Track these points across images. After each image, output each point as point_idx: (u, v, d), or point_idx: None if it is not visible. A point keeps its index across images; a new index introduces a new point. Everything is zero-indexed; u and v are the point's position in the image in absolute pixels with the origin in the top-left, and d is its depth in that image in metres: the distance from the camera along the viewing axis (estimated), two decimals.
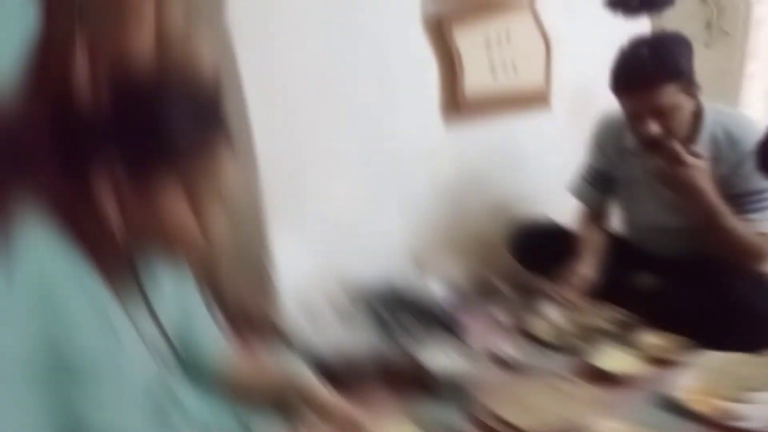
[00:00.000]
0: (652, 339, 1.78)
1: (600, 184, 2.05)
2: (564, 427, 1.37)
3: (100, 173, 0.64)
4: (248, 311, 2.01)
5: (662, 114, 1.61)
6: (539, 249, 2.13)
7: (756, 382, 1.47)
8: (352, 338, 1.77)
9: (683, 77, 1.60)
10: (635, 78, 1.61)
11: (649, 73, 1.57)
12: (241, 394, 1.12)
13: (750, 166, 1.66)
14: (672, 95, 1.59)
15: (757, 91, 3.68)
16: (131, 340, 0.76)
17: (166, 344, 0.86)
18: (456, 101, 2.16)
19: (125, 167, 0.65)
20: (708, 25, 3.45)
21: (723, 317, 1.66)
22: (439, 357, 1.68)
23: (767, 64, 3.74)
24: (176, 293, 0.95)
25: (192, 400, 0.98)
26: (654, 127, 1.62)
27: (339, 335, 1.80)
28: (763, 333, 1.62)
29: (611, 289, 1.89)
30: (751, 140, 1.66)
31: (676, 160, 1.55)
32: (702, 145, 1.70)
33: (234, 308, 1.98)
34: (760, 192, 1.70)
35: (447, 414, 1.50)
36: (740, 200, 1.70)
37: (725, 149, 1.70)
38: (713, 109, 1.74)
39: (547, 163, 2.53)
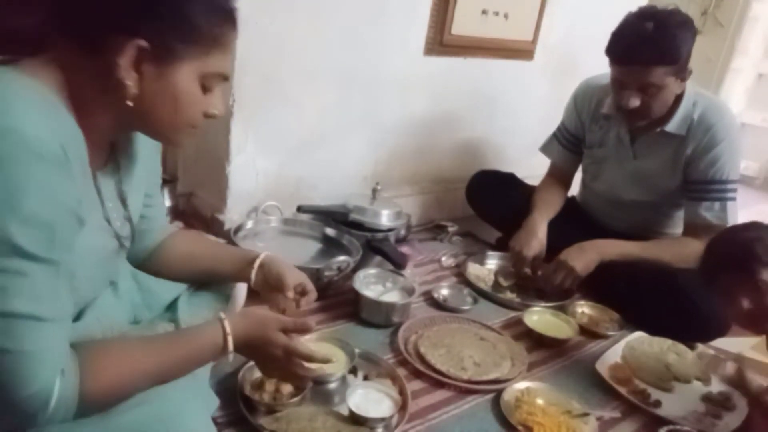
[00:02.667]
0: (587, 309, 1.78)
1: (570, 145, 2.00)
2: (479, 376, 1.35)
3: (125, 44, 0.72)
4: (195, 203, 1.90)
5: (647, 91, 1.59)
6: (495, 199, 2.07)
7: (680, 373, 1.48)
8: (292, 249, 1.69)
9: (679, 63, 1.58)
10: (632, 51, 1.57)
11: (647, 51, 1.55)
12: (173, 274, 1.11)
13: (716, 155, 1.67)
14: (662, 77, 1.57)
15: (739, 87, 3.69)
16: (97, 216, 0.84)
17: (128, 224, 0.92)
18: (442, 37, 2.05)
19: (153, 43, 0.74)
20: (704, 13, 3.41)
21: (661, 302, 1.67)
22: (374, 283, 1.63)
23: (754, 61, 3.74)
24: (145, 177, 0.97)
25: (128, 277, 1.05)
26: (635, 102, 1.60)
27: (280, 243, 1.71)
28: (699, 325, 1.63)
29: (557, 253, 1.85)
30: (722, 130, 1.67)
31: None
32: (676, 123, 1.70)
33: (184, 198, 1.90)
34: (723, 182, 1.70)
35: (370, 340, 1.46)
36: (702, 187, 1.72)
37: (696, 130, 1.70)
38: (695, 90, 1.73)
39: (521, 116, 2.46)
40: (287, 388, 1.18)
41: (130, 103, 0.76)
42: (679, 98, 1.69)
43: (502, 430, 1.22)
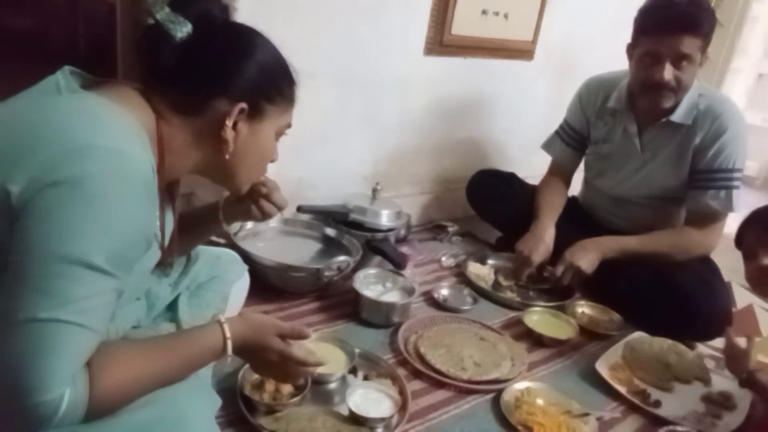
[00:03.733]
0: (587, 309, 1.78)
1: (573, 142, 2.00)
2: (479, 376, 1.34)
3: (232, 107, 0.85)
4: (195, 203, 1.89)
5: (680, 64, 1.61)
6: (496, 199, 2.07)
7: (680, 373, 1.48)
8: (292, 249, 1.69)
9: (707, 37, 1.61)
10: (668, 20, 1.60)
11: (682, 20, 1.59)
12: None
13: (723, 144, 1.69)
14: (694, 49, 1.60)
15: (739, 87, 3.69)
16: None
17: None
18: (442, 37, 2.05)
19: (249, 105, 0.87)
20: None
21: (661, 302, 1.67)
22: (374, 283, 1.63)
23: (754, 61, 3.74)
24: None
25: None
26: (668, 74, 1.62)
27: (279, 243, 1.71)
28: (698, 326, 1.64)
29: (558, 254, 1.85)
30: (729, 119, 1.70)
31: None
32: (682, 113, 1.72)
33: (184, 198, 1.86)
34: (729, 171, 1.71)
35: (370, 340, 1.46)
36: (708, 175, 1.73)
37: (703, 120, 1.72)
38: (699, 84, 1.75)
39: (521, 116, 2.46)
40: (287, 388, 1.18)
41: (227, 157, 0.87)
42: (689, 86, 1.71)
43: (502, 430, 1.21)
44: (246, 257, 1.43)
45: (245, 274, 1.35)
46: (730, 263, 1.78)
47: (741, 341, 1.27)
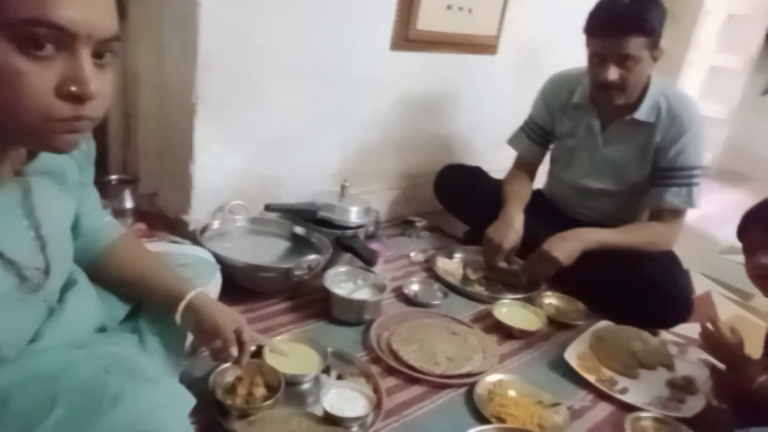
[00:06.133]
0: (554, 300, 1.81)
1: (538, 138, 2.03)
2: (451, 370, 1.35)
3: None
4: (159, 204, 1.85)
5: (625, 63, 1.65)
6: (463, 193, 2.09)
7: (645, 360, 1.52)
8: (260, 248, 1.67)
9: (654, 35, 1.64)
10: (611, 22, 1.63)
11: (625, 21, 1.61)
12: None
13: (684, 143, 1.74)
14: (639, 48, 1.63)
15: (693, 79, 3.81)
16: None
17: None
18: (408, 32, 2.04)
19: None
20: None
21: (625, 291, 1.71)
22: (345, 281, 1.62)
23: (707, 54, 3.86)
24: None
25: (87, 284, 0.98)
26: (614, 74, 1.65)
27: (247, 243, 1.69)
28: (661, 313, 1.69)
29: (525, 246, 1.87)
30: (690, 118, 1.75)
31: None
32: (645, 110, 1.76)
33: (146, 199, 1.84)
34: (690, 168, 1.76)
35: (343, 339, 1.45)
36: (670, 173, 1.78)
37: (665, 119, 1.76)
38: (661, 81, 1.79)
39: (486, 111, 2.47)
40: (260, 391, 1.17)
41: None
42: (646, 87, 1.75)
43: (476, 423, 1.22)
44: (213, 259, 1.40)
45: (217, 275, 1.33)
46: (687, 251, 1.85)
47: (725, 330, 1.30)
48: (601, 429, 1.28)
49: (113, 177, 1.79)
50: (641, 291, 1.68)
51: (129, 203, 1.73)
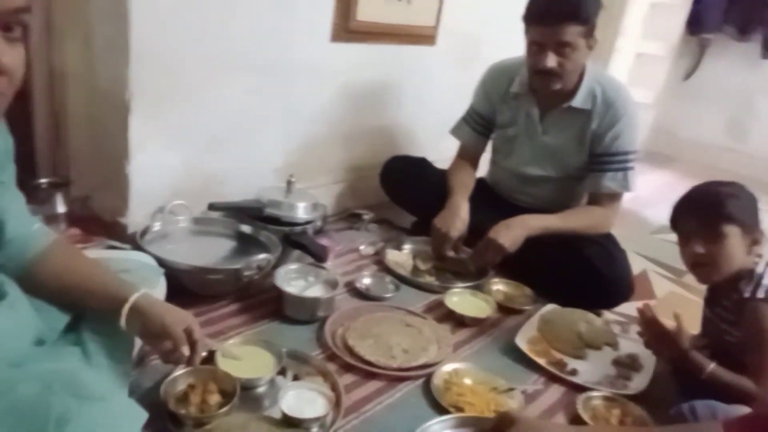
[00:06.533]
0: (501, 286, 1.85)
1: (480, 127, 2.06)
2: (408, 363, 1.36)
3: None
4: (93, 207, 1.75)
5: (563, 51, 1.69)
6: (409, 184, 2.09)
7: (591, 340, 1.58)
8: (205, 249, 1.61)
9: (590, 24, 1.69)
10: (549, 10, 1.67)
11: (561, 9, 1.66)
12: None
13: (619, 130, 1.81)
14: (575, 36, 1.68)
15: (621, 66, 3.96)
16: None
17: None
18: (348, 23, 2.02)
19: None
20: None
21: (569, 274, 1.77)
22: (296, 279, 1.59)
23: (633, 41, 4.02)
24: None
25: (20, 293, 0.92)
26: (552, 61, 1.69)
27: (191, 244, 1.63)
28: (605, 294, 1.75)
29: (470, 233, 1.90)
30: (623, 105, 1.82)
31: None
32: (581, 98, 1.82)
33: (79, 202, 1.74)
34: (625, 153, 1.83)
35: (297, 338, 1.43)
36: (606, 159, 1.84)
37: (600, 106, 1.82)
38: (594, 69, 1.86)
39: (427, 101, 2.48)
40: (214, 397, 1.13)
41: None
42: (581, 75, 1.81)
43: (435, 413, 1.23)
44: (156, 262, 1.35)
45: (161, 280, 1.28)
46: (621, 233, 1.93)
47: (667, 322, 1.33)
48: (554, 411, 1.32)
49: (42, 180, 1.67)
50: (583, 273, 1.74)
51: (61, 207, 1.63)
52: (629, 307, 1.83)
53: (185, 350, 1.01)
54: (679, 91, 4.31)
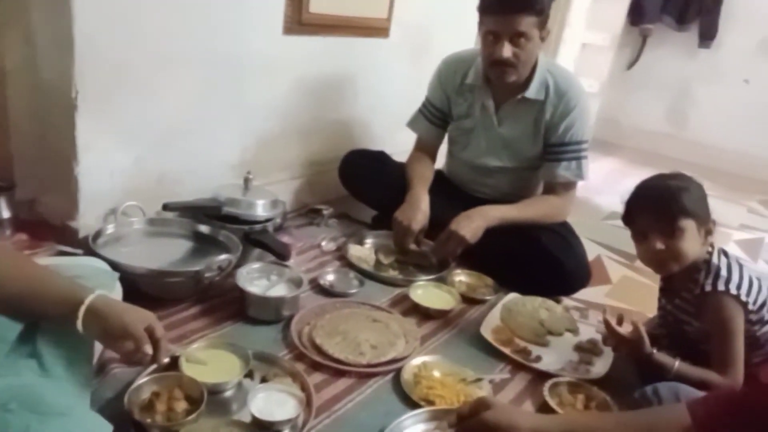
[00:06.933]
0: (463, 277, 1.86)
1: (436, 119, 2.07)
2: (377, 358, 1.36)
3: None
4: (40, 211, 1.66)
5: (518, 41, 1.71)
6: (369, 178, 2.08)
7: (553, 327, 1.61)
8: (162, 251, 1.56)
9: (543, 15, 1.72)
10: (507, 1, 1.69)
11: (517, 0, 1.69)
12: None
13: (572, 120, 1.85)
14: (530, 27, 1.70)
15: (567, 56, 4.06)
16: None
17: None
18: (300, 16, 1.98)
19: None
20: None
21: (528, 263, 1.80)
22: (258, 278, 1.56)
23: (578, 32, 4.13)
24: None
25: None
26: (507, 51, 1.71)
27: (147, 247, 1.57)
28: (562, 281, 1.80)
29: (431, 226, 1.91)
30: (575, 96, 1.86)
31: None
32: (535, 89, 1.84)
33: (25, 206, 1.66)
34: (578, 143, 1.88)
35: (262, 339, 1.40)
36: (560, 148, 1.88)
37: (553, 97, 1.86)
38: (546, 60, 1.89)
39: (382, 94, 2.47)
40: (181, 404, 1.10)
41: None
42: (534, 66, 1.83)
43: (407, 408, 1.23)
44: (110, 267, 1.29)
45: (116, 285, 1.23)
46: (574, 220, 1.98)
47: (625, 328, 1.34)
48: (522, 399, 1.34)
49: None
50: (542, 262, 1.78)
51: (5, 212, 1.55)
52: (587, 293, 1.89)
53: (148, 349, 0.99)
54: (622, 80, 4.46)
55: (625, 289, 2.07)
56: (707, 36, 4.14)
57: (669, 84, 4.40)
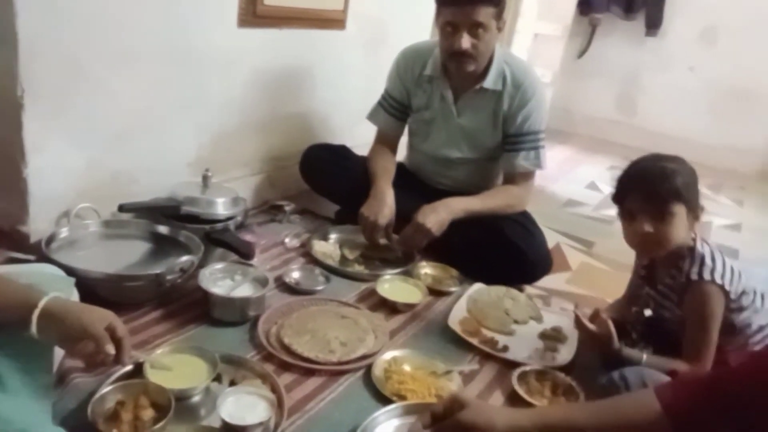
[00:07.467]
0: (429, 270, 1.87)
1: (396, 111, 2.06)
2: (347, 356, 1.35)
3: None
4: None
5: (476, 32, 1.72)
6: (331, 172, 2.06)
7: (517, 316, 1.64)
8: (120, 254, 1.51)
9: (500, 5, 1.74)
10: None
11: None
12: None
13: (529, 110, 1.88)
14: (488, 17, 1.71)
15: (521, 46, 4.12)
16: None
17: None
18: (255, 8, 1.94)
19: None
20: None
21: (492, 253, 1.82)
22: (222, 279, 1.53)
23: (530, 22, 4.20)
24: None
25: None
26: (466, 42, 1.72)
27: (104, 250, 1.52)
28: (526, 269, 1.83)
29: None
30: (531, 86, 1.88)
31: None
32: (492, 79, 1.86)
33: None
34: (536, 133, 1.91)
35: (229, 341, 1.37)
36: (518, 139, 1.91)
37: (510, 87, 1.88)
38: (502, 50, 1.91)
39: (340, 87, 2.44)
40: (147, 413, 1.07)
41: None
42: (491, 57, 1.85)
43: (379, 404, 1.23)
44: (65, 272, 1.24)
45: (73, 291, 1.18)
46: (531, 208, 2.01)
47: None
48: (492, 389, 1.36)
49: None
50: (504, 252, 1.80)
51: None
52: (549, 281, 1.92)
53: (110, 349, 0.96)
54: (573, 69, 4.55)
55: (584, 276, 2.12)
56: (653, 25, 4.27)
57: (618, 72, 4.52)
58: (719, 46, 4.09)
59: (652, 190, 1.27)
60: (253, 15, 1.95)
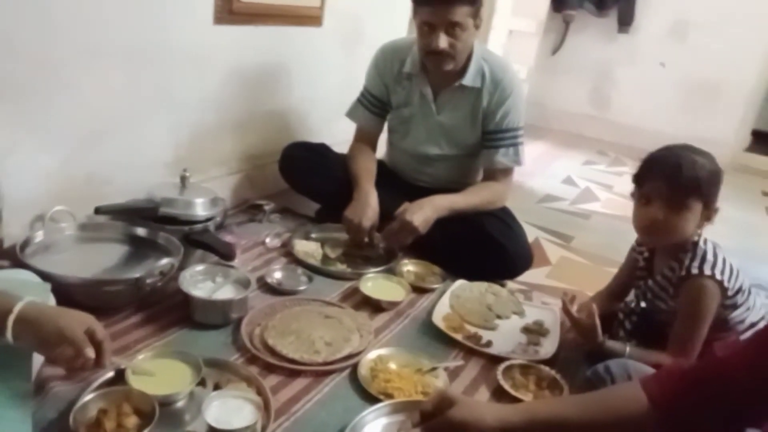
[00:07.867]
0: (411, 267, 1.87)
1: (375, 108, 2.05)
2: (332, 356, 1.34)
3: None
4: None
5: (453, 31, 1.72)
6: (311, 171, 2.04)
7: (500, 311, 1.65)
8: (97, 258, 1.47)
9: (477, 4, 1.74)
10: None
11: None
12: None
13: (508, 107, 1.89)
14: (464, 16, 1.72)
15: (496, 42, 4.14)
16: None
17: None
18: (231, 5, 1.91)
19: None
20: None
21: (473, 249, 1.84)
22: (203, 281, 1.50)
23: (505, 19, 4.22)
24: None
25: None
26: (443, 42, 1.72)
27: (80, 254, 1.48)
28: (507, 264, 1.85)
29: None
30: (509, 84, 1.89)
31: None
32: (471, 76, 1.87)
33: None
34: (514, 129, 1.92)
35: (211, 344, 1.35)
36: (497, 135, 1.92)
37: (489, 84, 1.88)
38: (481, 48, 1.92)
39: (318, 84, 2.42)
40: (131, 420, 1.05)
41: None
42: (470, 54, 1.85)
43: (366, 403, 1.22)
44: (41, 277, 1.21)
45: (50, 297, 1.15)
46: (510, 204, 2.03)
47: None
48: (478, 384, 1.37)
49: None
50: (486, 247, 1.82)
51: None
52: (529, 275, 1.94)
53: (90, 353, 0.94)
54: (547, 65, 4.59)
55: (564, 270, 2.15)
56: (625, 21, 4.33)
57: (591, 68, 4.58)
58: (689, 42, 4.17)
59: (676, 180, 1.25)
60: (229, 12, 1.93)
